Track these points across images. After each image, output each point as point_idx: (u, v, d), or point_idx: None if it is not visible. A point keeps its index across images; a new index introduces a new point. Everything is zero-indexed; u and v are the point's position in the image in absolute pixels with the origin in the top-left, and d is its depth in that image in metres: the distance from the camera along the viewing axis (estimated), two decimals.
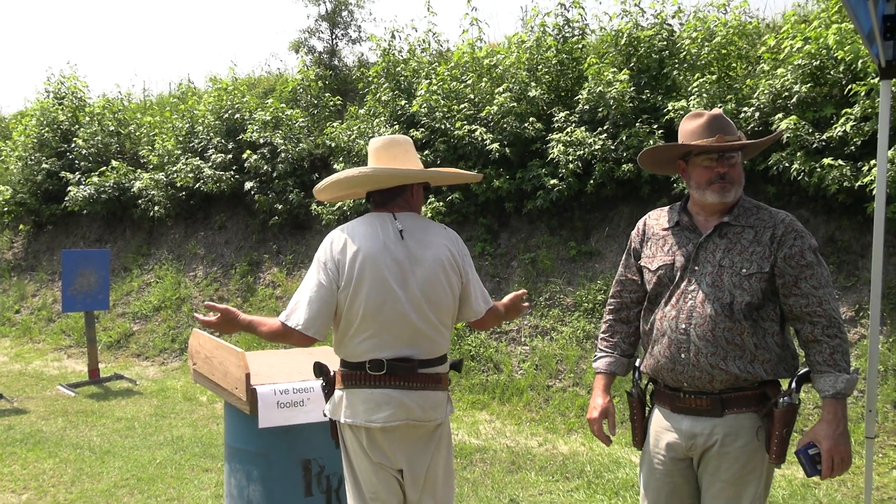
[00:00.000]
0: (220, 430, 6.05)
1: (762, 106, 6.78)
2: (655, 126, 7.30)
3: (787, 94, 6.67)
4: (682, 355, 2.38)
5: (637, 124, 7.38)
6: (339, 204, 9.21)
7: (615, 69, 7.76)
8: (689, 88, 7.21)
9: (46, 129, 12.50)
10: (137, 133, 12.35)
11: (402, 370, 2.57)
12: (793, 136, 6.39)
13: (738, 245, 2.39)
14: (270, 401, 3.24)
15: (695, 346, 2.36)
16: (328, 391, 2.72)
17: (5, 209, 12.50)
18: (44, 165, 12.19)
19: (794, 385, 2.36)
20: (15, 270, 12.39)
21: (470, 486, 4.79)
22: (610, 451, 5.47)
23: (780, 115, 6.55)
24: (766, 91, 6.77)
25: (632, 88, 7.55)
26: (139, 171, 11.47)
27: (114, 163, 11.52)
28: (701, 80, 7.06)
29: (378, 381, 2.55)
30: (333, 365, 2.77)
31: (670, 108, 7.09)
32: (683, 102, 7.04)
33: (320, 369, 2.74)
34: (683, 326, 2.38)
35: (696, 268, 2.42)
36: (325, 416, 2.76)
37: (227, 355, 3.42)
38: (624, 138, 7.31)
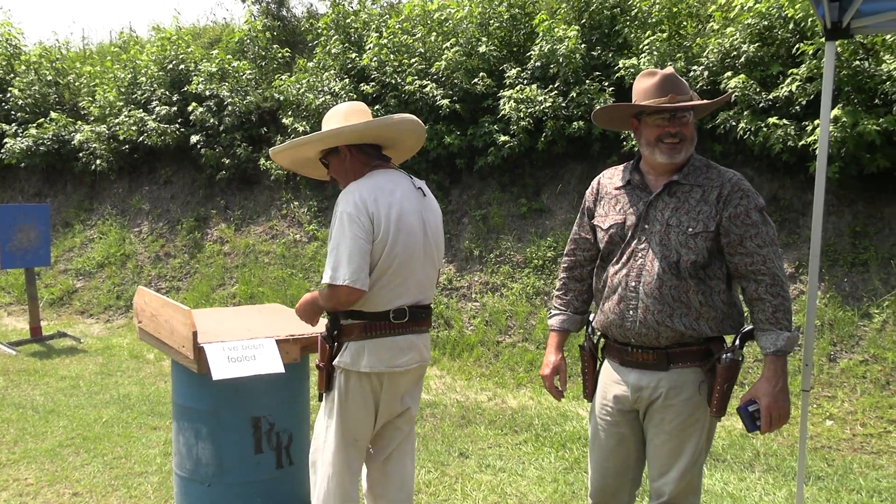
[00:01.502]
0: (168, 388, 5.99)
1: (711, 65, 6.85)
2: (606, 83, 7.32)
3: (735, 53, 6.74)
4: (631, 312, 2.43)
5: (588, 81, 7.39)
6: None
7: (566, 25, 7.73)
8: (640, 46, 7.23)
9: None
10: (77, 83, 11.90)
11: (419, 316, 2.75)
12: (740, 96, 6.48)
13: (686, 204, 2.43)
14: (220, 356, 3.20)
15: (643, 303, 2.40)
16: (334, 343, 2.73)
17: None
18: None
19: (737, 342, 2.42)
20: None
21: (421, 440, 4.85)
22: (558, 405, 5.59)
23: (728, 74, 6.63)
24: (715, 50, 6.83)
25: (583, 45, 7.54)
26: (79, 123, 11.09)
27: (52, 114, 11.10)
28: (652, 38, 7.08)
29: (401, 329, 2.70)
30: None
31: (621, 65, 7.11)
32: (634, 60, 7.07)
33: (335, 321, 2.74)
34: (633, 284, 2.43)
35: (646, 226, 2.45)
36: (318, 365, 2.81)
37: (174, 313, 3.36)
38: (575, 95, 7.32)
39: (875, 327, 5.70)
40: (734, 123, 6.56)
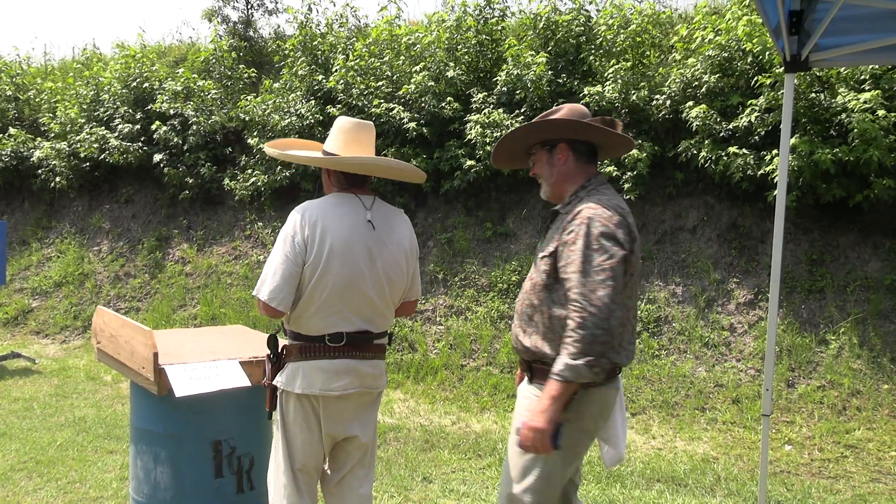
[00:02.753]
0: (126, 411, 5.86)
1: (673, 94, 7.00)
2: None
3: (696, 83, 6.90)
4: (512, 327, 2.61)
5: (554, 107, 7.49)
6: (253, 180, 9.01)
7: (533, 52, 7.84)
8: (605, 74, 7.36)
9: None
10: (37, 99, 11.71)
11: (360, 340, 2.71)
12: (701, 125, 6.62)
13: (550, 231, 2.53)
14: (182, 376, 3.15)
15: (515, 319, 2.58)
16: (276, 364, 2.78)
17: None
18: None
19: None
20: None
21: (384, 464, 4.80)
22: None
23: (690, 104, 6.77)
24: (677, 80, 6.98)
25: (549, 72, 7.65)
26: (39, 139, 10.89)
27: (11, 130, 10.90)
28: (616, 66, 7.22)
29: (337, 352, 2.67)
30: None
31: (586, 92, 7.23)
32: (599, 88, 7.19)
33: (274, 342, 2.79)
34: (518, 303, 2.61)
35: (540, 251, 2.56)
36: (264, 384, 2.82)
37: (134, 334, 3.30)
38: None
39: (832, 353, 5.82)
40: (695, 152, 6.70)
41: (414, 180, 3.02)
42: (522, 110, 7.65)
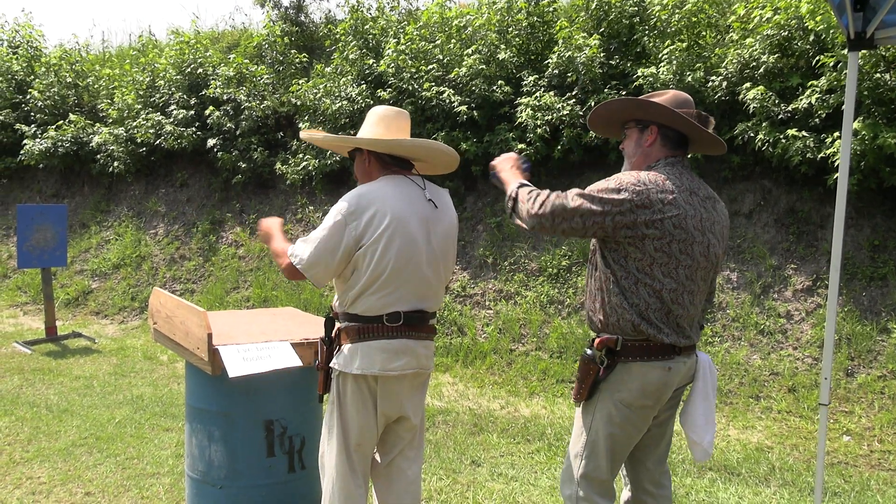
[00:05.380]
0: (181, 390, 6.00)
1: (730, 76, 6.82)
2: (624, 92, 7.30)
3: (754, 64, 6.70)
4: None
5: (606, 90, 7.37)
6: (304, 164, 9.10)
7: (585, 34, 7.72)
8: (659, 55, 7.21)
9: (0, 79, 12.08)
10: (96, 86, 11.99)
11: (416, 321, 2.74)
12: (759, 107, 6.44)
13: None
14: (235, 357, 3.20)
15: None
16: (330, 347, 2.81)
17: None
18: None
19: (594, 343, 2.54)
20: None
21: (433, 447, 4.83)
22: (570, 413, 5.55)
23: (747, 85, 6.59)
24: (734, 61, 6.80)
25: (602, 54, 7.52)
26: (98, 125, 11.17)
27: (71, 116, 11.20)
28: (671, 47, 7.06)
29: (395, 332, 2.69)
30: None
31: (640, 74, 7.09)
32: (653, 69, 7.05)
33: (331, 324, 2.82)
34: None
35: None
36: (317, 367, 2.85)
37: (189, 315, 3.37)
38: (593, 104, 7.30)
39: (894, 342, 5.63)
40: (752, 135, 6.52)
41: (448, 170, 3.03)
42: (574, 93, 7.55)
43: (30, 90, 11.79)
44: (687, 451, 4.86)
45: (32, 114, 11.70)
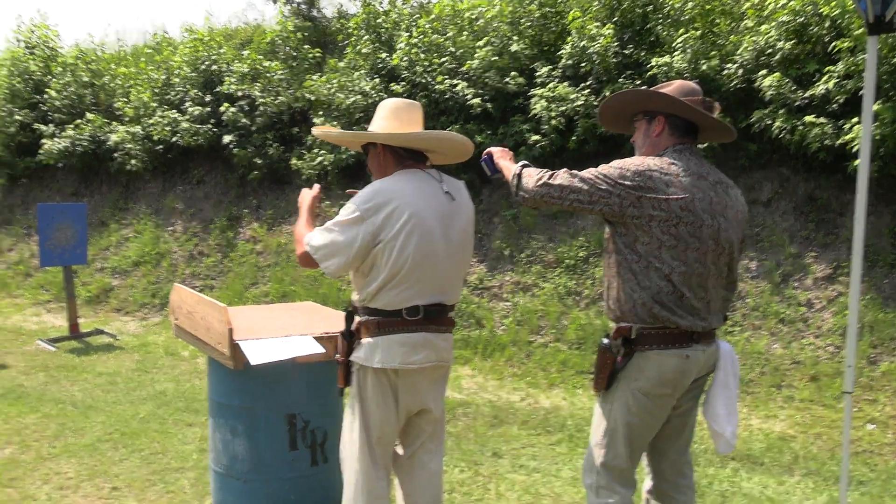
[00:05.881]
0: (203, 385, 6.06)
1: (746, 63, 6.76)
2: (639, 82, 7.26)
3: (770, 50, 6.65)
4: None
5: (620, 80, 7.34)
6: (320, 159, 9.12)
7: (598, 23, 7.68)
8: (673, 44, 7.16)
9: (18, 79, 12.18)
10: (112, 84, 12.06)
11: (435, 314, 2.75)
12: (775, 94, 6.39)
13: None
14: (256, 349, 3.23)
15: None
16: (350, 341, 2.82)
17: None
18: (16, 117, 11.90)
19: (611, 333, 2.59)
20: None
21: (454, 439, 4.85)
22: (591, 405, 5.55)
23: (763, 72, 6.54)
24: (749, 48, 6.74)
25: (615, 43, 7.49)
26: (115, 123, 11.24)
27: (88, 115, 11.28)
28: (685, 35, 7.01)
29: (414, 326, 2.70)
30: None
31: (654, 63, 7.05)
32: (667, 58, 7.01)
33: (350, 318, 2.83)
34: None
35: None
36: (337, 360, 2.86)
37: (210, 310, 3.40)
38: (607, 94, 7.27)
39: None
40: (769, 122, 6.47)
41: (462, 158, 3.03)
42: (588, 83, 7.52)
43: (47, 90, 11.89)
44: (709, 441, 4.86)
45: (50, 113, 11.79)
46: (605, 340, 2.57)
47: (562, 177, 2.55)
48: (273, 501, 3.43)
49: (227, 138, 9.90)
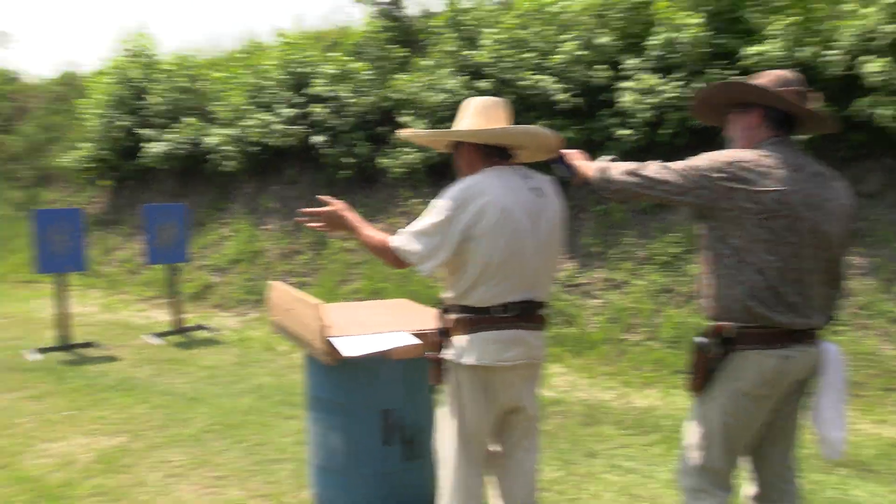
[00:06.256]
0: (300, 379, 6.23)
1: (847, 49, 6.46)
2: (731, 72, 7.04)
3: (874, 35, 6.33)
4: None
5: (712, 70, 7.13)
6: (407, 157, 9.24)
7: (688, 12, 7.47)
8: (768, 31, 6.91)
9: (122, 86, 12.80)
10: (208, 88, 12.54)
11: (527, 311, 2.74)
12: (880, 81, 6.08)
13: None
14: (349, 345, 3.31)
15: None
16: (443, 338, 2.85)
17: (87, 165, 12.94)
18: (121, 122, 12.52)
19: (707, 331, 2.54)
20: (100, 224, 12.87)
21: (546, 438, 4.83)
22: (687, 405, 5.43)
23: (866, 58, 6.23)
24: (851, 32, 6.43)
25: (706, 32, 7.27)
26: (211, 126, 11.68)
27: (186, 119, 11.76)
28: (780, 22, 6.75)
29: (506, 323, 2.71)
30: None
31: (747, 52, 6.82)
32: (761, 47, 6.77)
33: (442, 316, 2.86)
34: None
35: None
36: (430, 357, 2.89)
37: (305, 307, 3.51)
38: (697, 86, 7.08)
39: None
40: (874, 111, 6.17)
41: (550, 154, 3.00)
42: (678, 74, 7.34)
43: (148, 96, 12.46)
44: (816, 446, 4.68)
45: (151, 118, 12.35)
46: (700, 339, 2.53)
47: (652, 168, 2.54)
48: (368, 495, 3.51)
49: (316, 138, 10.14)
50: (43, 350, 7.55)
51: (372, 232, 2.87)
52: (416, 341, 3.32)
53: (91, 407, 5.67)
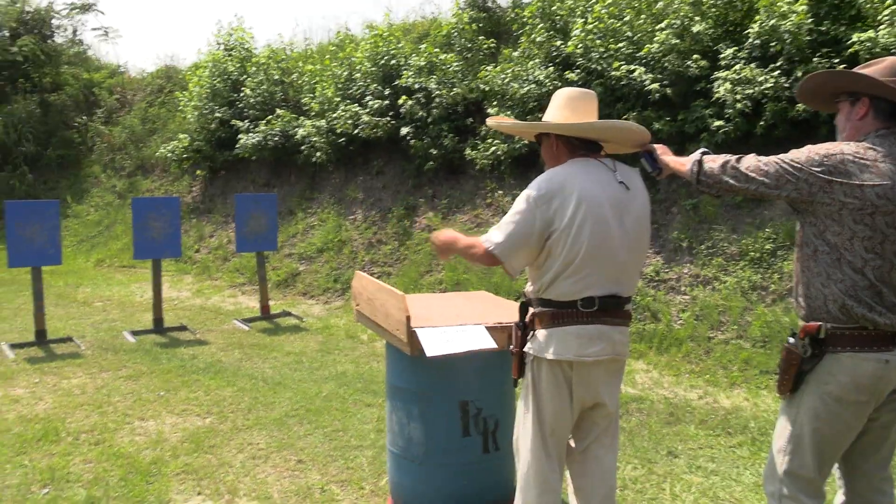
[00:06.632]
0: (381, 368, 6.31)
1: None
2: (837, 60, 6.68)
3: None
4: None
5: (815, 59, 6.79)
6: (493, 149, 9.19)
7: None
8: (879, 17, 6.52)
9: (218, 79, 13.23)
10: (299, 81, 12.82)
11: (611, 306, 2.70)
12: None
13: None
14: (433, 338, 3.31)
15: None
16: (525, 332, 2.84)
17: (184, 156, 13.46)
18: (216, 114, 12.95)
19: (798, 331, 2.45)
20: (194, 212, 13.38)
21: (626, 435, 4.73)
22: (776, 407, 5.21)
23: None
24: None
25: (810, 19, 6.93)
26: (302, 118, 11.94)
27: (278, 111, 12.06)
28: (893, 7, 6.36)
29: (590, 318, 2.67)
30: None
31: (855, 39, 6.45)
32: (871, 34, 6.39)
33: (525, 309, 2.85)
34: None
35: None
36: (511, 351, 2.90)
37: (389, 298, 3.52)
38: (800, 75, 6.75)
39: None
40: None
41: (637, 148, 2.95)
42: (778, 64, 7.02)
43: (243, 88, 12.84)
44: None
45: (245, 110, 12.73)
46: (791, 339, 2.43)
47: (747, 160, 2.46)
48: (446, 485, 3.50)
49: (404, 130, 10.22)
50: (139, 332, 7.90)
51: (465, 238, 2.87)
52: (493, 345, 3.28)
53: (182, 388, 5.89)
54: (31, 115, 16.63)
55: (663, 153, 2.83)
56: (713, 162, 2.54)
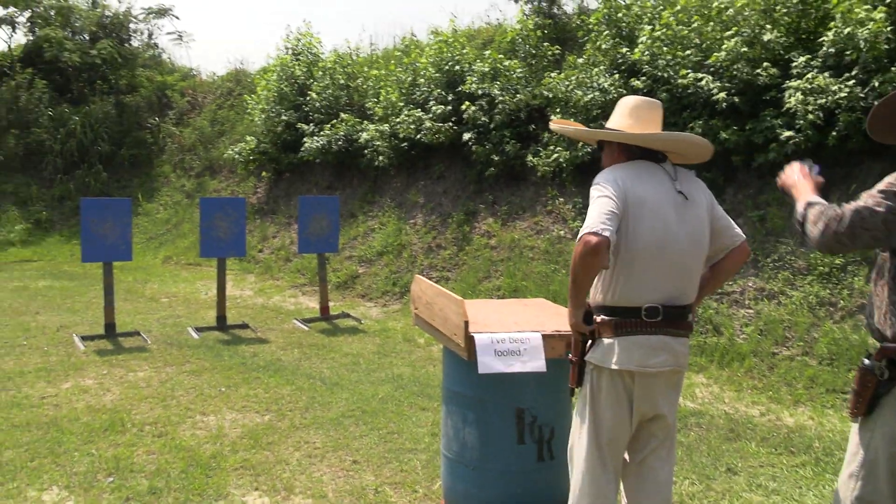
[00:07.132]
0: (437, 372, 6.33)
1: None
2: None
3: None
4: None
5: (893, 69, 6.56)
6: (555, 156, 9.15)
7: (868, 6, 6.91)
8: None
9: (285, 83, 13.50)
10: (364, 86, 12.98)
11: (675, 316, 2.68)
12: None
13: None
14: (488, 348, 3.31)
15: None
16: (586, 340, 2.81)
17: (251, 158, 13.76)
18: (283, 118, 13.21)
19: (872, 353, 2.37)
20: (258, 213, 13.67)
21: (684, 450, 4.64)
22: (842, 427, 5.04)
23: None
24: None
25: (889, 28, 6.70)
26: (365, 122, 12.08)
27: (343, 115, 12.23)
28: None
29: (654, 328, 2.65)
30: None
31: None
32: None
33: (589, 318, 2.79)
34: None
35: None
36: (570, 359, 2.87)
37: (447, 302, 3.53)
38: (876, 84, 6.54)
39: None
40: None
41: (701, 160, 2.90)
42: (853, 73, 6.80)
43: (309, 92, 13.06)
44: None
45: (311, 114, 12.95)
46: (867, 361, 2.34)
47: (848, 217, 2.29)
48: (500, 491, 3.50)
49: (466, 136, 10.24)
50: (202, 329, 8.10)
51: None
52: (544, 369, 3.23)
53: (242, 385, 6.02)
54: (107, 115, 17.27)
55: (790, 175, 2.77)
56: (814, 225, 2.38)
